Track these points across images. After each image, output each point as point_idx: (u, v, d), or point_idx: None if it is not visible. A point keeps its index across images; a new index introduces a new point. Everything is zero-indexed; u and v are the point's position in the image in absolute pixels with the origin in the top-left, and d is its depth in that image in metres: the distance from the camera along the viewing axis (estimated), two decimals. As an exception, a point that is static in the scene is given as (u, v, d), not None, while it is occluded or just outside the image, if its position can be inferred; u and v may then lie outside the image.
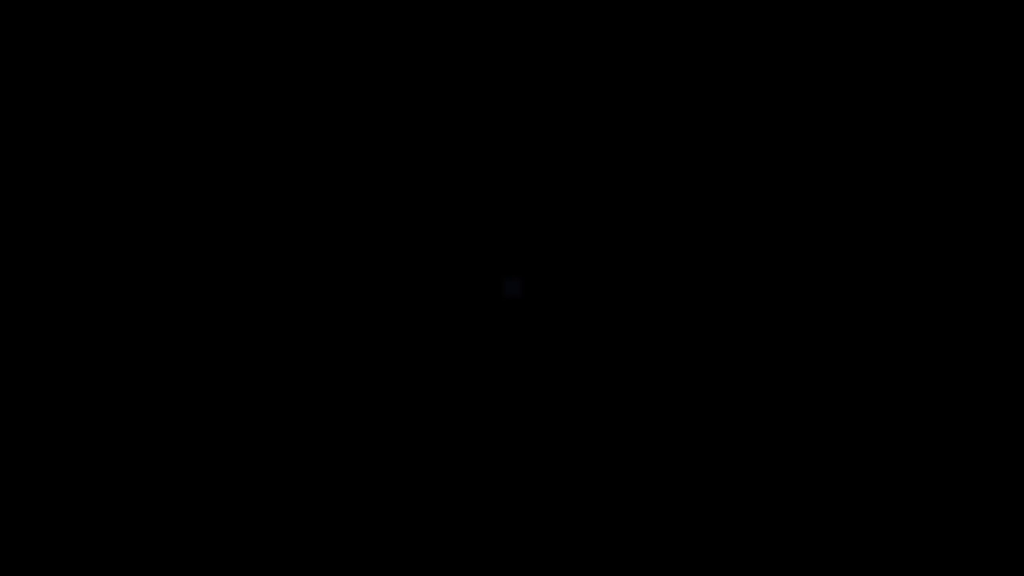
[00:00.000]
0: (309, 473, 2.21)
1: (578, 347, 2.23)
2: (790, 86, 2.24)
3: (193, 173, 2.26)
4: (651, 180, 2.25)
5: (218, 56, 2.26)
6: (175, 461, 2.21)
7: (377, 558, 2.18)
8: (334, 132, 2.27)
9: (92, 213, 2.25)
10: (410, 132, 2.27)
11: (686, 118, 2.25)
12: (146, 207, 2.25)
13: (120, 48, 2.26)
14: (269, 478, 2.21)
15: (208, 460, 2.21)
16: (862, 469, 2.19)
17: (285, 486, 2.21)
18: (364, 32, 2.27)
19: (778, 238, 2.24)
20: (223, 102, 2.26)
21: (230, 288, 2.25)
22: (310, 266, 2.25)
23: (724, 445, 2.20)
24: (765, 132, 2.25)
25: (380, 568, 2.17)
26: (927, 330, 2.21)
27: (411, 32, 2.27)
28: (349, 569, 2.17)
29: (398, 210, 2.26)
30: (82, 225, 2.25)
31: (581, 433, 2.22)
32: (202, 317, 2.24)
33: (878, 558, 2.16)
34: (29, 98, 2.26)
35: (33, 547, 2.17)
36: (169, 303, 2.24)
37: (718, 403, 2.21)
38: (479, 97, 2.27)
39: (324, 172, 2.26)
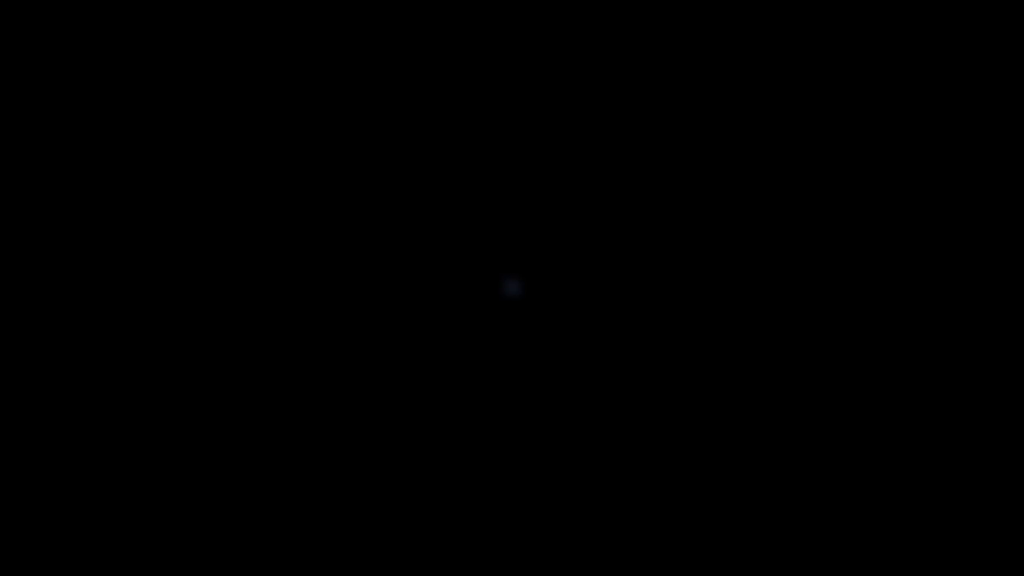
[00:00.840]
0: (304, 473, 2.22)
1: (579, 348, 2.24)
2: (790, 86, 2.25)
3: (187, 171, 2.26)
4: (653, 179, 2.26)
5: (217, 56, 2.27)
6: (174, 461, 2.22)
7: (375, 558, 2.18)
8: (330, 129, 2.27)
9: (91, 212, 2.26)
10: (407, 129, 2.27)
11: (688, 117, 2.26)
12: (145, 206, 2.26)
13: (120, 47, 2.27)
14: (263, 478, 2.22)
15: (203, 459, 2.22)
16: (862, 469, 2.20)
17: (280, 486, 2.22)
18: (362, 30, 2.27)
19: (781, 237, 2.24)
20: (219, 101, 2.26)
21: (223, 286, 2.25)
22: (303, 265, 2.25)
23: (727, 446, 2.22)
24: (766, 131, 2.25)
25: (378, 568, 2.17)
26: (927, 330, 2.22)
27: (409, 30, 2.27)
28: (347, 569, 2.16)
29: (394, 208, 2.26)
30: (81, 225, 2.26)
31: (581, 435, 2.23)
32: (195, 314, 2.25)
33: (878, 558, 2.16)
34: (28, 98, 2.26)
35: (32, 547, 2.18)
36: (165, 302, 2.25)
37: (721, 404, 2.23)
38: (478, 95, 2.28)
39: (319, 169, 2.27)
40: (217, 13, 2.27)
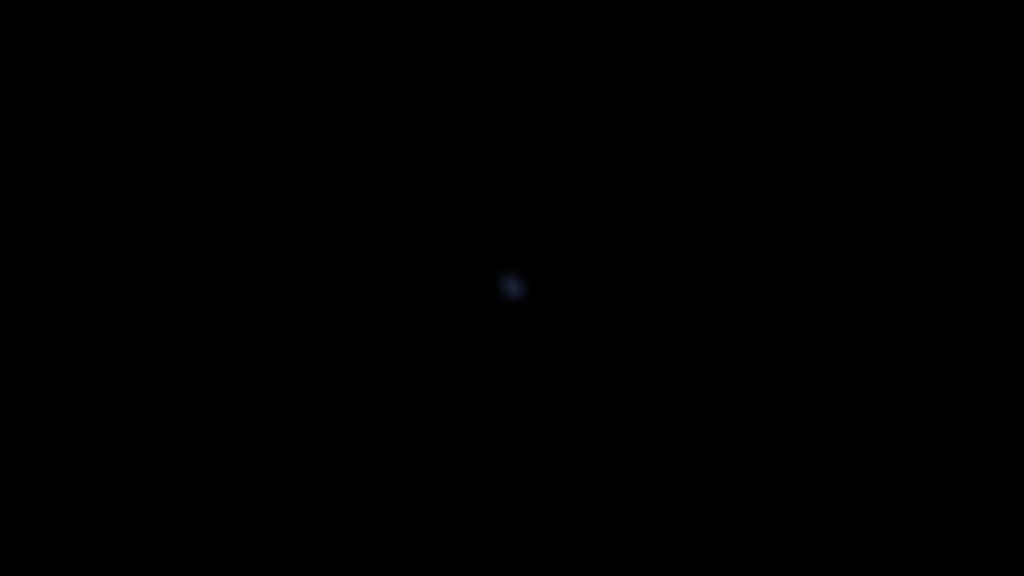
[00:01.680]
0: (302, 475, 2.22)
1: (579, 350, 2.24)
2: (790, 86, 2.25)
3: (186, 171, 2.26)
4: (653, 179, 2.26)
5: (217, 55, 2.27)
6: (174, 461, 2.22)
7: (375, 559, 2.18)
8: (329, 129, 2.27)
9: (91, 213, 2.26)
10: (407, 128, 2.27)
11: (687, 117, 2.26)
12: (144, 206, 2.26)
13: (119, 47, 2.27)
14: (262, 479, 2.22)
15: (202, 459, 2.22)
16: (862, 470, 2.21)
17: (279, 487, 2.22)
18: (362, 30, 2.27)
19: (782, 238, 2.24)
20: (219, 101, 2.26)
21: (222, 287, 2.25)
22: (302, 265, 2.25)
23: (728, 448, 2.22)
24: (766, 131, 2.25)
25: (378, 568, 2.17)
26: (926, 331, 2.23)
27: (409, 30, 2.27)
28: (348, 569, 2.17)
29: (394, 208, 2.26)
30: (81, 225, 2.26)
31: (582, 437, 2.23)
32: (193, 315, 2.25)
33: (878, 558, 2.17)
34: (28, 98, 2.26)
35: (31, 547, 2.18)
36: (163, 301, 2.25)
37: (723, 406, 2.23)
38: (477, 95, 2.27)
39: (318, 169, 2.27)
40: (217, 13, 2.28)
